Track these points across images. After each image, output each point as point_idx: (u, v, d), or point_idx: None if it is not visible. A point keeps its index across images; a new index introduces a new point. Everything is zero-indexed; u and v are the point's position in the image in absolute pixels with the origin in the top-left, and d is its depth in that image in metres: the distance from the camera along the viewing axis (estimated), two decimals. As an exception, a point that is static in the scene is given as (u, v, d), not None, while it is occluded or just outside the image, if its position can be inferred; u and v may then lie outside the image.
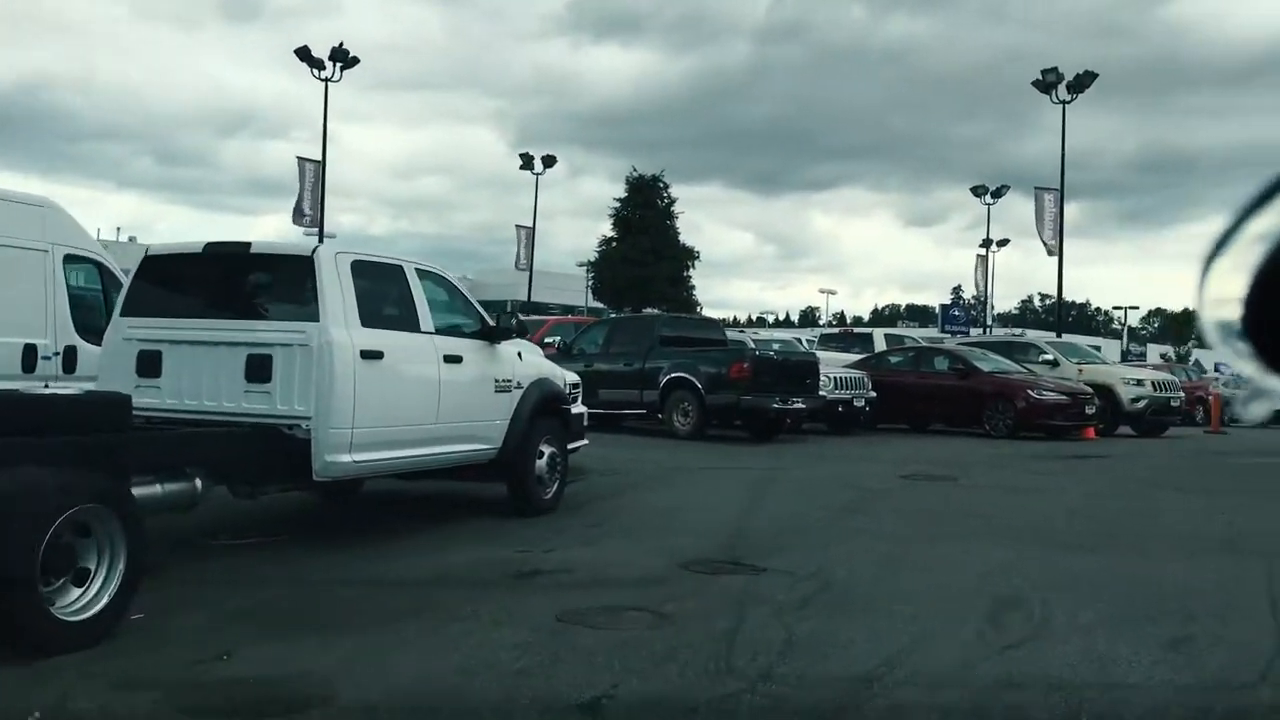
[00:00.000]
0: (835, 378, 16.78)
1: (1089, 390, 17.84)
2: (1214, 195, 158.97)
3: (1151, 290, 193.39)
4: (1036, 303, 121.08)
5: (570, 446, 10.34)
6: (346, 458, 6.39)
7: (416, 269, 7.47)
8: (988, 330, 43.77)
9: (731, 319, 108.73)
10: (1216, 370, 52.62)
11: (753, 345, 17.79)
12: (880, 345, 22.28)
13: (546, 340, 17.84)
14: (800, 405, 15.15)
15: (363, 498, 8.56)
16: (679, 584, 6.02)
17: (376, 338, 6.68)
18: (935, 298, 75.55)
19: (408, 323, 7.16)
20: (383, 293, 7.16)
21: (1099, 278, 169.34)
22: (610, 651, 4.56)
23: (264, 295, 6.89)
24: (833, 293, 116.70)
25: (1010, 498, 9.55)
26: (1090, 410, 17.53)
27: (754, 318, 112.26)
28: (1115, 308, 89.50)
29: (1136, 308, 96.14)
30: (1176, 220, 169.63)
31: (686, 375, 14.98)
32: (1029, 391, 17.19)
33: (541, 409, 8.30)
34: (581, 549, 7.10)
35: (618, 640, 4.79)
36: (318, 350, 6.33)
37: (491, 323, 7.95)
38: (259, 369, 6.45)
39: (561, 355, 16.38)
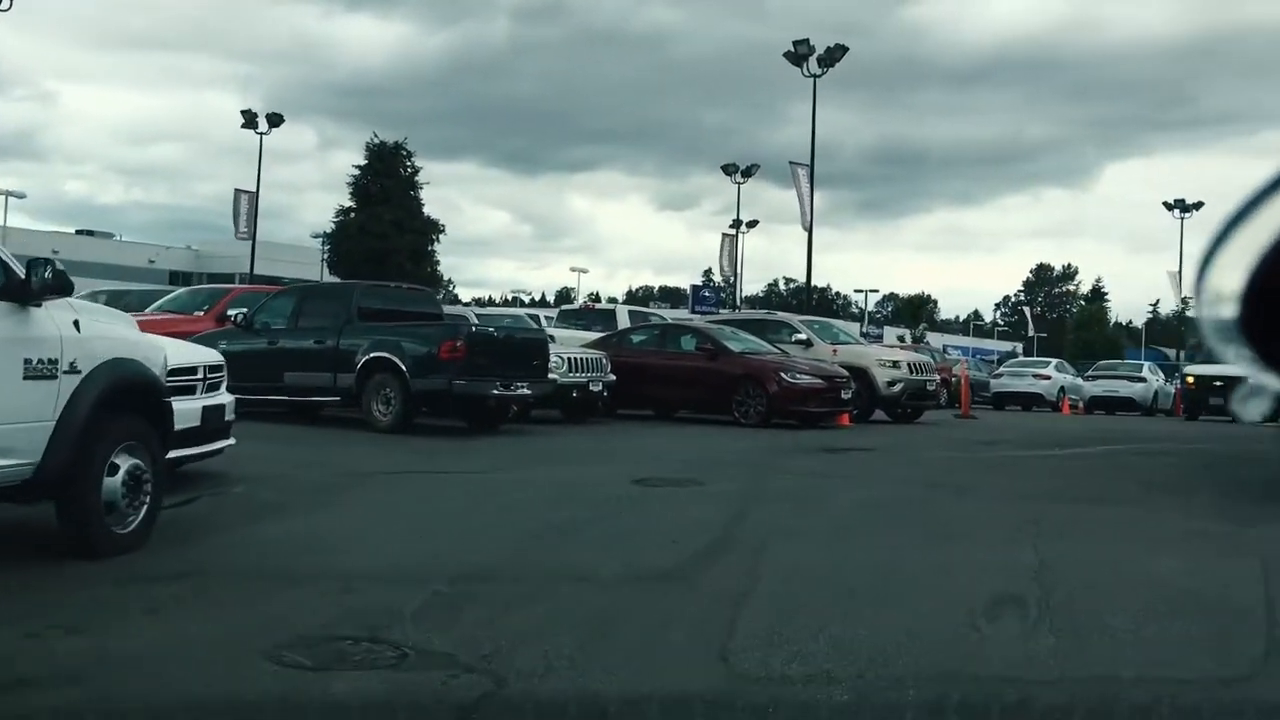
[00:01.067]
0: (569, 359, 14.66)
1: (845, 373, 16.42)
2: (942, 188, 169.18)
3: (886, 276, 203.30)
4: (782, 286, 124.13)
5: (205, 450, 7.84)
6: None
7: None
8: (737, 311, 42.98)
9: (486, 298, 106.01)
10: (945, 351, 54.48)
11: (475, 321, 15.49)
12: (625, 323, 20.36)
13: (230, 312, 14.90)
14: (525, 391, 12.92)
15: None
16: (257, 695, 3.67)
17: None
18: (688, 280, 75.25)
19: None
20: None
21: (839, 263, 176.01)
22: None
23: None
24: (584, 271, 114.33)
25: (767, 511, 7.62)
26: (846, 395, 16.12)
27: (509, 297, 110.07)
28: (856, 291, 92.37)
29: (876, 291, 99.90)
30: (909, 210, 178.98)
31: (388, 355, 12.44)
32: (782, 375, 15.57)
33: (115, 403, 5.69)
34: (136, 624, 4.58)
35: None
36: None
37: (20, 274, 5.25)
38: None
39: (243, 330, 13.63)
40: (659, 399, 16.74)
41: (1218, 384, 25.28)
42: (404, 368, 12.30)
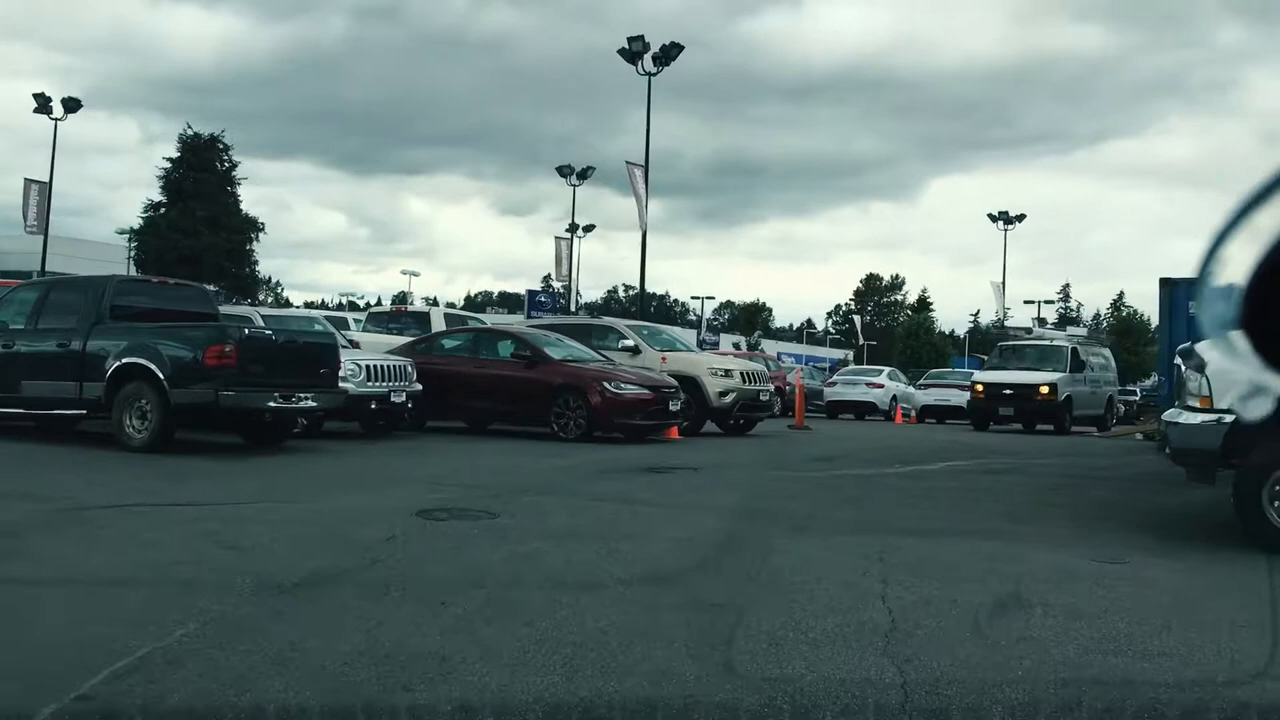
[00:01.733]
0: (367, 366, 13.08)
1: (673, 383, 15.27)
2: (776, 199, 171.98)
3: (723, 284, 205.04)
4: (622, 293, 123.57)
5: None
6: None
7: None
8: (561, 316, 41.58)
9: (320, 301, 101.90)
10: (780, 359, 54.52)
11: (260, 323, 13.73)
12: (440, 326, 18.83)
13: (-33, 311, 12.77)
14: (310, 403, 11.31)
15: None
16: None
17: None
18: (527, 286, 73.33)
19: None
20: None
21: (678, 271, 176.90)
22: None
23: None
24: (416, 274, 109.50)
25: (562, 556, 6.30)
26: (675, 406, 14.97)
27: (342, 300, 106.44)
28: (693, 297, 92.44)
29: (712, 298, 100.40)
30: (745, 220, 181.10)
31: (143, 361, 10.64)
32: (605, 385, 14.30)
33: None
34: None
35: None
36: None
37: None
38: None
39: (-27, 331, 11.61)
40: (472, 410, 15.30)
41: (1007, 392, 23.81)
42: (162, 376, 10.52)
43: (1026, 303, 70.67)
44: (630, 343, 17.18)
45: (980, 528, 7.63)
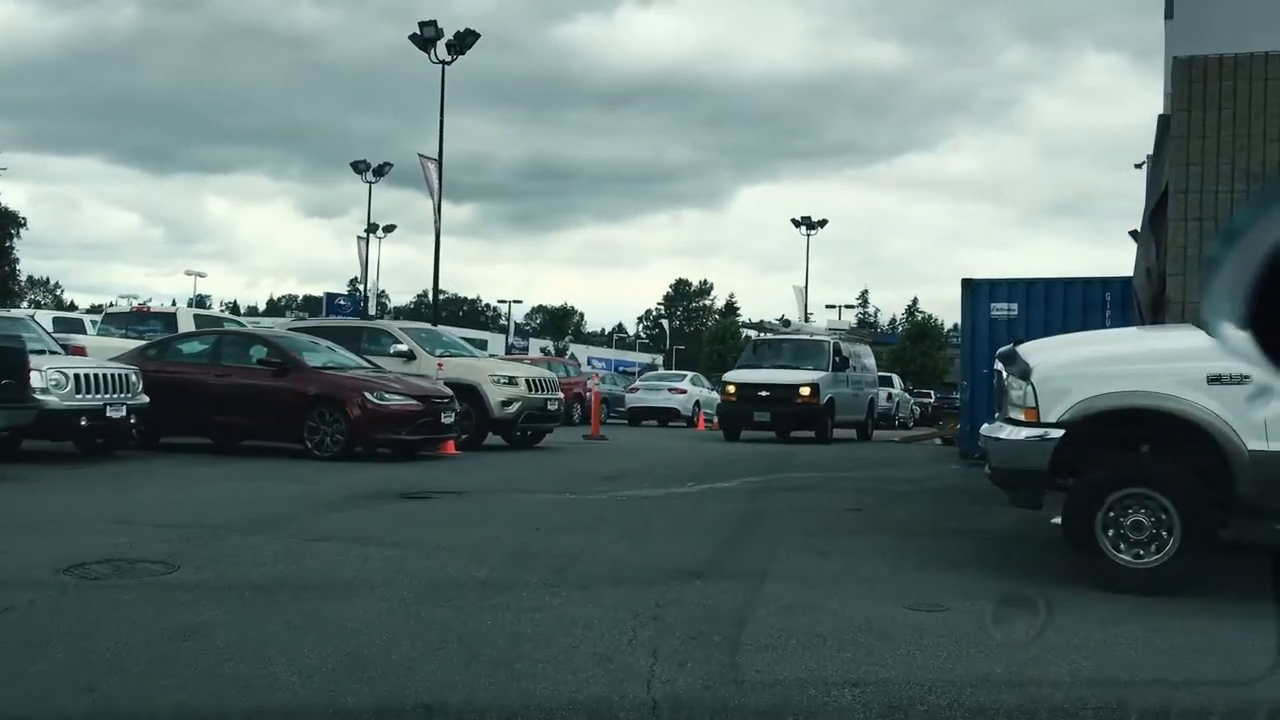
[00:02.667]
0: (78, 376, 11.10)
1: (448, 393, 13.75)
2: (590, 205, 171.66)
3: (538, 288, 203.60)
4: (432, 297, 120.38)
5: None
6: None
7: None
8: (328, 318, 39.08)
9: (108, 304, 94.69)
10: (590, 364, 53.33)
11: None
12: (189, 328, 16.75)
13: None
14: (-14, 420, 9.31)
15: None
16: None
17: None
18: (335, 289, 69.21)
19: None
20: None
21: (490, 275, 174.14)
22: None
23: None
24: (202, 275, 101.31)
25: (243, 626, 4.75)
26: (448, 419, 13.44)
27: (132, 304, 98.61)
28: (500, 301, 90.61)
29: (520, 302, 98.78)
30: (559, 225, 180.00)
31: None
32: (366, 395, 12.65)
33: None
34: None
35: None
36: None
37: None
38: None
39: None
40: (214, 425, 13.40)
41: (763, 394, 20.69)
42: None
43: (828, 307, 72.05)
44: (404, 347, 15.53)
45: (776, 565, 6.44)
